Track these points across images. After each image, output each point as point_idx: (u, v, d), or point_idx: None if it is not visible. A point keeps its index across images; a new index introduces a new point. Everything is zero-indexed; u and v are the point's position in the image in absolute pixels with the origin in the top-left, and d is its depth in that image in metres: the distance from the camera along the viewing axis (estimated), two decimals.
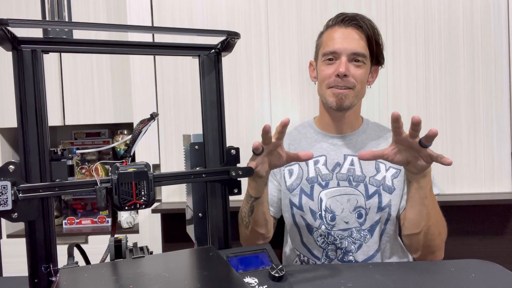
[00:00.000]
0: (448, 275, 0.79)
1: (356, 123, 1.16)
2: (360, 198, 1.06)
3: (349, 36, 1.06)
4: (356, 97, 1.08)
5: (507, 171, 1.69)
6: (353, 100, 1.08)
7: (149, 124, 0.71)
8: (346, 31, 1.07)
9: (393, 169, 1.09)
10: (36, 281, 0.62)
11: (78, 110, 1.91)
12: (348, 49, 1.05)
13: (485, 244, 1.71)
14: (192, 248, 0.73)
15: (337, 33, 1.08)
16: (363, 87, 1.10)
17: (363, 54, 1.06)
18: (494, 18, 1.68)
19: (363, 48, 1.06)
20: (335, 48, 1.06)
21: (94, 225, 1.99)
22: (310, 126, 1.21)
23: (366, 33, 1.07)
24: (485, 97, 1.69)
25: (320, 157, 1.13)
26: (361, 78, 1.07)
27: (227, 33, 0.70)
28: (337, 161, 1.11)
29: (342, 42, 1.05)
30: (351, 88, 1.06)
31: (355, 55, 1.05)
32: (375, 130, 1.17)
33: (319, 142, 1.16)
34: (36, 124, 0.62)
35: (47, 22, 0.62)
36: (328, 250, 1.07)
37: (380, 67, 1.16)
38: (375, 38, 1.08)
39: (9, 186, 0.57)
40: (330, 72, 1.07)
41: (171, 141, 1.78)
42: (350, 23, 1.07)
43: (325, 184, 1.09)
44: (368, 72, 1.11)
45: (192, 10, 1.76)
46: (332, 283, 0.75)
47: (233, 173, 0.75)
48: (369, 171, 1.09)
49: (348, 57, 1.05)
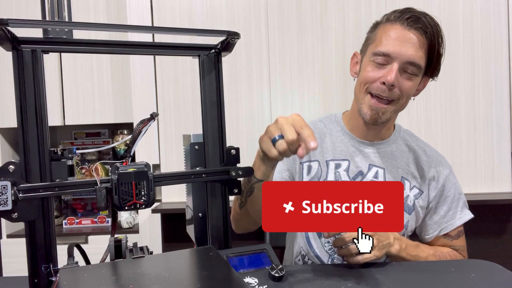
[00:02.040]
0: (448, 275, 0.79)
1: (388, 132, 1.07)
2: None
3: (409, 40, 0.91)
4: (396, 111, 0.98)
5: (507, 171, 1.69)
6: (391, 115, 0.97)
7: (149, 124, 0.71)
8: (407, 33, 0.92)
9: (416, 189, 1.03)
10: (36, 281, 0.62)
11: (78, 110, 1.91)
12: (404, 56, 0.91)
13: (485, 244, 1.71)
14: (192, 248, 0.73)
15: (395, 32, 0.92)
16: (407, 101, 0.97)
17: (419, 66, 0.92)
18: (494, 18, 1.68)
19: (421, 59, 0.92)
20: (389, 51, 0.91)
21: (94, 225, 1.99)
22: (337, 123, 1.09)
23: (430, 40, 0.92)
24: (485, 97, 1.69)
25: (343, 161, 1.03)
26: (409, 91, 0.95)
27: (227, 33, 0.70)
28: (361, 169, 1.02)
29: (400, 46, 0.91)
30: (393, 100, 0.94)
31: (409, 64, 0.92)
32: (407, 140, 1.08)
33: (345, 144, 1.05)
34: (36, 124, 0.61)
35: (47, 22, 0.62)
36: (334, 258, 1.03)
37: (432, 79, 1.02)
38: (437, 48, 0.93)
39: (9, 186, 0.57)
40: (376, 76, 0.93)
41: (171, 141, 1.78)
42: (413, 25, 0.92)
43: None
44: (418, 84, 0.98)
45: (192, 10, 1.76)
46: (332, 283, 0.75)
47: (233, 173, 0.75)
48: None
49: (401, 65, 0.91)
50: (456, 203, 1.05)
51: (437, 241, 1.06)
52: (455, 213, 1.05)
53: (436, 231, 1.05)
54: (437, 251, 1.02)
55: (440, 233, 1.04)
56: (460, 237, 1.06)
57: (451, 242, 1.05)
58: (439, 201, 1.05)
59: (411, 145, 1.08)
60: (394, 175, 1.03)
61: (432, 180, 1.04)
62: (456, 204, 1.05)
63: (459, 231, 1.06)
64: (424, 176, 1.04)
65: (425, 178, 1.04)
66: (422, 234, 1.08)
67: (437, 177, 1.04)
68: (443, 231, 1.04)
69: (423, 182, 1.04)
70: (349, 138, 1.06)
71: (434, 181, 1.04)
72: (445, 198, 1.04)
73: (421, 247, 0.99)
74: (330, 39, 1.71)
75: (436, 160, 1.06)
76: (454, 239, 1.05)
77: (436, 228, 1.05)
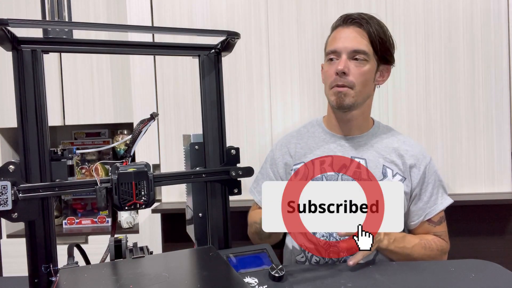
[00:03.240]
0: (448, 275, 0.79)
1: (365, 125, 1.15)
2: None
3: (350, 35, 1.06)
4: (357, 96, 1.06)
5: (507, 171, 1.69)
6: (355, 99, 1.06)
7: (149, 124, 0.71)
8: (347, 30, 1.07)
9: (399, 176, 1.08)
10: (36, 281, 0.62)
11: (78, 110, 1.91)
12: (348, 47, 1.04)
13: (485, 244, 1.71)
14: (192, 248, 0.73)
15: (339, 33, 1.08)
16: (365, 86, 1.07)
17: (364, 51, 1.04)
18: (494, 18, 1.68)
19: (364, 46, 1.05)
20: (335, 47, 1.06)
21: (94, 225, 1.99)
22: (319, 125, 1.20)
23: (368, 31, 1.06)
24: (485, 97, 1.69)
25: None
26: (362, 76, 1.05)
27: (227, 33, 0.70)
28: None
29: (343, 41, 1.06)
30: (350, 87, 1.05)
31: (355, 52, 1.04)
32: (386, 134, 1.15)
33: (327, 143, 1.14)
34: (36, 124, 0.61)
35: (47, 22, 0.62)
36: (329, 252, 1.07)
37: (392, 66, 1.13)
38: (379, 35, 1.06)
39: (9, 186, 0.57)
40: (331, 71, 1.06)
41: (171, 141, 1.78)
42: (352, 23, 1.07)
43: None
44: (374, 70, 1.08)
45: (192, 10, 1.76)
46: (332, 283, 0.75)
47: (233, 173, 0.75)
48: (376, 175, 1.07)
49: (349, 55, 1.05)
50: (437, 189, 1.11)
51: (421, 228, 1.11)
52: (437, 199, 1.11)
53: (421, 217, 1.10)
54: (423, 239, 1.07)
55: (424, 218, 1.10)
56: (442, 223, 1.12)
57: (434, 228, 1.11)
58: (421, 188, 1.10)
59: (391, 137, 1.15)
60: (376, 164, 1.09)
61: (414, 167, 1.10)
62: (437, 190, 1.11)
63: (440, 217, 1.11)
64: (405, 163, 1.10)
65: (406, 165, 1.09)
66: (408, 222, 1.12)
67: (418, 164, 1.10)
68: (427, 216, 1.10)
69: (405, 169, 1.09)
70: (329, 136, 1.16)
71: (416, 168, 1.10)
72: (427, 184, 1.10)
73: (407, 237, 1.05)
74: None
75: (416, 149, 1.13)
76: (436, 225, 1.11)
77: (420, 214, 1.10)
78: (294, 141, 1.19)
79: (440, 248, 1.07)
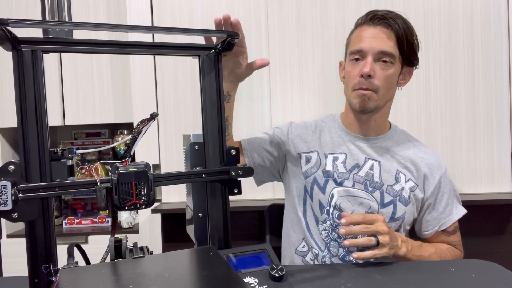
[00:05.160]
0: (448, 275, 0.79)
1: (382, 127, 1.13)
2: (374, 204, 1.05)
3: (377, 35, 1.02)
4: (380, 100, 1.04)
5: (507, 171, 1.69)
6: (378, 103, 1.03)
7: (149, 124, 0.71)
8: (374, 30, 1.03)
9: (412, 182, 1.07)
10: (36, 281, 0.62)
11: (78, 110, 1.91)
12: (375, 48, 1.01)
13: (485, 244, 1.71)
14: (192, 248, 0.73)
15: (365, 32, 1.04)
16: (389, 90, 1.05)
17: (391, 54, 1.01)
18: (494, 18, 1.68)
19: (392, 48, 1.02)
20: (361, 47, 1.02)
21: (94, 225, 1.99)
22: (336, 121, 1.17)
23: (396, 32, 1.02)
24: (485, 97, 1.69)
25: (340, 154, 1.10)
26: (388, 80, 1.02)
27: (227, 33, 0.70)
28: (357, 162, 1.08)
29: (370, 41, 1.02)
30: (374, 90, 1.02)
31: (382, 54, 1.01)
32: (402, 138, 1.14)
33: (342, 139, 1.12)
34: (36, 124, 0.61)
35: (47, 22, 0.62)
36: (330, 246, 1.06)
37: (415, 68, 1.11)
38: (406, 37, 1.02)
39: (9, 186, 0.57)
40: (355, 72, 1.03)
41: (171, 141, 1.78)
42: (379, 22, 1.03)
43: (340, 182, 1.07)
44: (398, 73, 1.06)
45: (192, 10, 1.76)
46: (332, 283, 0.75)
47: (233, 173, 0.75)
48: (388, 179, 1.06)
49: (375, 56, 1.01)
50: (451, 199, 1.10)
51: (435, 238, 1.11)
52: (452, 209, 1.10)
53: (435, 227, 1.09)
54: (438, 248, 1.07)
55: (439, 228, 1.09)
56: (456, 232, 1.11)
57: (449, 238, 1.10)
58: (436, 198, 1.09)
59: (407, 143, 1.13)
60: (389, 168, 1.08)
61: (429, 176, 1.08)
62: (452, 201, 1.10)
63: (455, 226, 1.11)
64: (420, 171, 1.08)
65: (421, 173, 1.08)
66: (422, 231, 1.12)
67: (433, 174, 1.08)
68: (442, 226, 1.09)
69: (418, 176, 1.08)
70: (345, 133, 1.13)
71: (431, 177, 1.08)
72: (442, 194, 1.09)
73: (424, 246, 1.03)
74: (330, 39, 1.71)
75: (432, 158, 1.11)
76: (451, 235, 1.10)
77: (435, 224, 1.09)
78: (312, 128, 1.16)
79: (454, 259, 1.07)
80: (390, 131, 1.14)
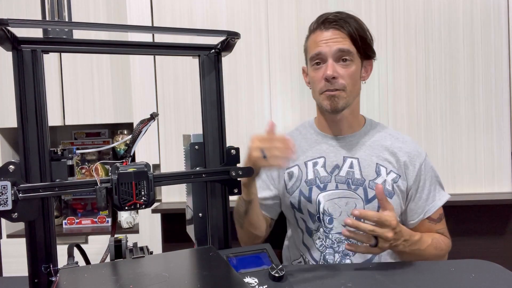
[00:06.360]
0: (448, 275, 0.79)
1: (355, 123, 1.13)
2: (359, 202, 1.05)
3: (331, 37, 1.05)
4: (349, 97, 1.06)
5: (507, 171, 1.69)
6: (347, 100, 1.06)
7: (149, 124, 0.71)
8: (327, 33, 1.06)
9: (394, 174, 1.07)
10: (36, 281, 0.62)
11: (78, 110, 1.91)
12: (332, 49, 1.03)
13: (485, 244, 1.71)
14: (192, 248, 0.73)
15: (319, 36, 1.07)
16: (355, 86, 1.07)
17: (348, 50, 1.04)
18: (494, 18, 1.68)
19: (348, 45, 1.04)
20: (319, 50, 1.05)
21: (94, 225, 1.99)
22: (311, 126, 1.19)
23: (349, 31, 1.05)
24: (485, 97, 1.70)
25: (318, 158, 1.11)
26: (352, 77, 1.05)
27: (227, 33, 0.70)
28: (336, 163, 1.09)
29: (326, 43, 1.05)
30: (341, 89, 1.04)
31: (341, 52, 1.03)
32: (378, 131, 1.15)
33: (319, 144, 1.14)
34: (36, 124, 0.61)
35: (47, 22, 0.62)
36: (325, 254, 1.06)
37: (374, 60, 1.13)
38: (359, 34, 1.05)
39: (9, 186, 0.57)
40: (319, 76, 1.05)
41: (171, 141, 1.78)
42: (330, 25, 1.06)
43: (323, 186, 1.08)
44: (360, 68, 1.08)
45: (192, 10, 1.76)
46: (332, 283, 0.75)
47: (233, 173, 0.75)
48: (369, 174, 1.07)
49: (334, 57, 1.04)
50: (434, 186, 1.11)
51: (422, 227, 1.10)
52: (435, 195, 1.10)
53: (420, 215, 1.09)
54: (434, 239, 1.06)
55: (424, 216, 1.09)
56: (441, 220, 1.11)
57: (435, 226, 1.10)
58: (419, 186, 1.09)
59: (384, 135, 1.13)
60: (369, 163, 1.08)
61: (409, 165, 1.09)
62: (434, 187, 1.11)
63: (440, 214, 1.11)
64: (399, 160, 1.09)
65: (401, 162, 1.08)
66: (407, 220, 1.11)
67: (413, 162, 1.09)
68: (427, 213, 1.09)
69: (399, 166, 1.08)
70: (321, 137, 1.15)
71: (411, 165, 1.09)
72: (424, 182, 1.09)
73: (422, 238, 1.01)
74: None
75: (410, 146, 1.11)
76: (437, 222, 1.10)
77: (420, 212, 1.09)
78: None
79: (446, 248, 1.07)
80: (365, 126, 1.14)
